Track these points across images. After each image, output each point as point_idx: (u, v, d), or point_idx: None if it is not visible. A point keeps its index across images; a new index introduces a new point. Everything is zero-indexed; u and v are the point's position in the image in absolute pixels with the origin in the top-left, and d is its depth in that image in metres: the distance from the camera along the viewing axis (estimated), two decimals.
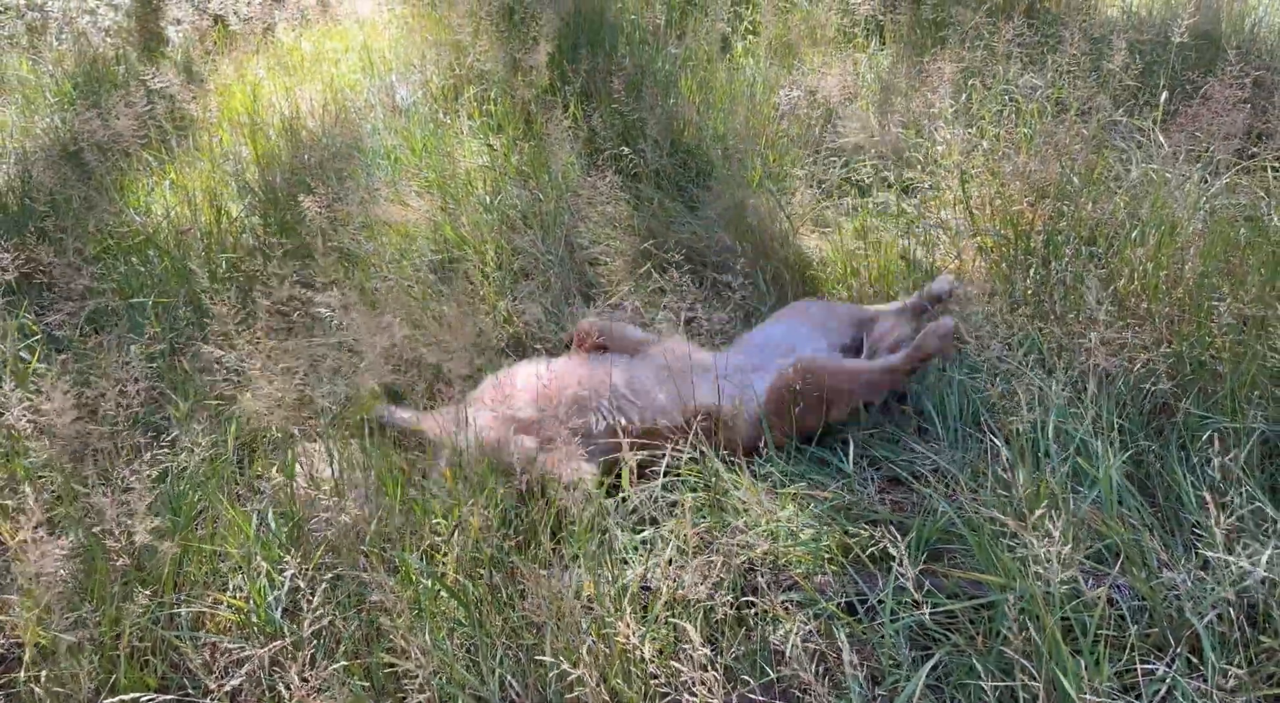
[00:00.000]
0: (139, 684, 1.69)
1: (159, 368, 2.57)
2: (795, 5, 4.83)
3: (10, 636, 1.82)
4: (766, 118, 3.84)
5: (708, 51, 4.65)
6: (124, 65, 5.52)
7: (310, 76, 4.87)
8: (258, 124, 4.22)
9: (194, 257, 3.26)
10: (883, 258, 2.87)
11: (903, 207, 3.09)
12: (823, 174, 3.43)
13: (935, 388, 2.33)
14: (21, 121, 4.97)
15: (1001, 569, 1.66)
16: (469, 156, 4.09)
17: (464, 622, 1.79)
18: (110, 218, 3.49)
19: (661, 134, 3.79)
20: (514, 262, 3.45)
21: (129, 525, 1.80)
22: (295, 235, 3.47)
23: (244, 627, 1.88)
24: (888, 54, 4.24)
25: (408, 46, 5.12)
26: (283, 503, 2.06)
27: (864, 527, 1.93)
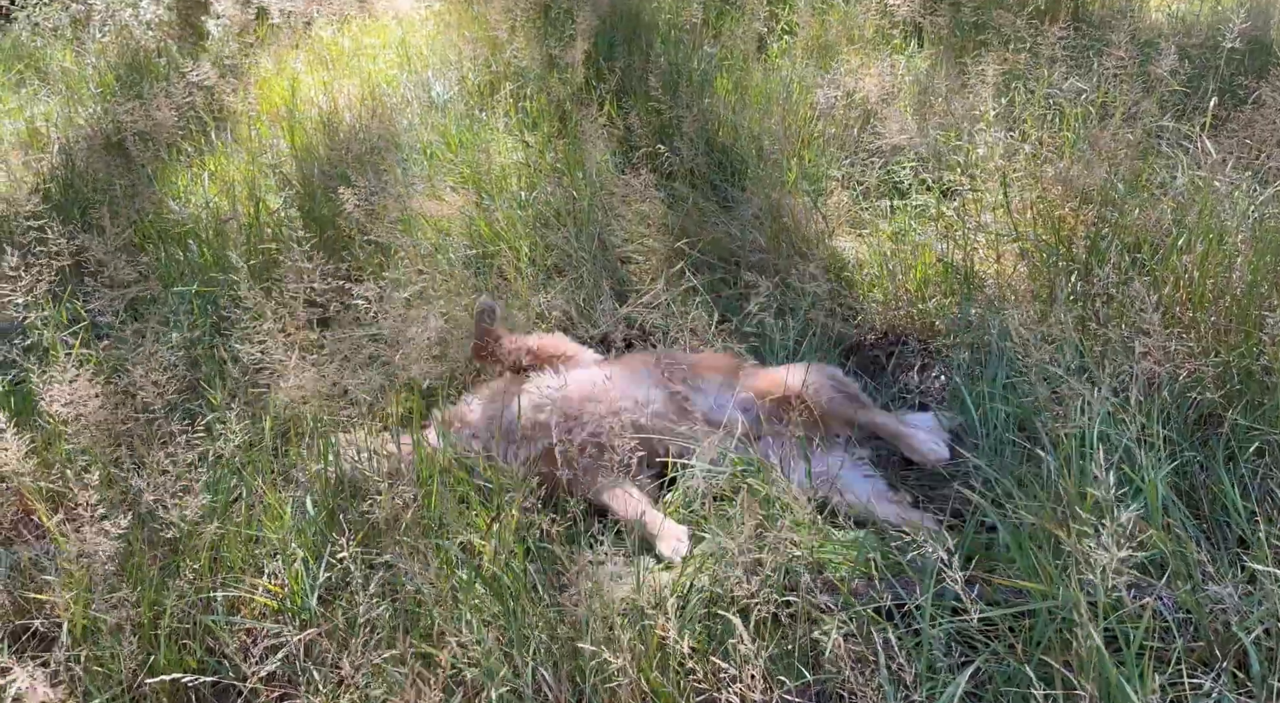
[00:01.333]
0: (177, 666, 1.70)
1: (197, 356, 2.59)
2: (833, 6, 4.80)
3: (50, 615, 1.84)
4: (802, 118, 3.82)
5: (743, 51, 4.63)
6: (165, 57, 5.59)
7: (348, 71, 4.91)
8: (296, 118, 4.25)
9: (233, 247, 3.30)
10: (920, 261, 2.84)
11: (942, 209, 3.06)
12: (860, 175, 3.41)
13: (976, 391, 2.30)
14: (65, 112, 5.04)
15: (1044, 577, 1.63)
16: (504, 153, 4.10)
17: (498, 614, 1.79)
18: (151, 207, 3.53)
19: (697, 133, 3.78)
20: (547, 258, 3.45)
21: (167, 508, 1.82)
22: (332, 228, 3.50)
23: (279, 612, 1.89)
24: (926, 56, 4.20)
25: (444, 43, 5.14)
26: (319, 491, 2.07)
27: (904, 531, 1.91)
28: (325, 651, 1.73)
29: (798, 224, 3.10)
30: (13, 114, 5.25)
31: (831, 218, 3.18)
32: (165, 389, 2.01)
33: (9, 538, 2.05)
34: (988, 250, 2.85)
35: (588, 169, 3.79)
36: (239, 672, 1.72)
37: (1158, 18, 4.46)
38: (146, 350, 2.12)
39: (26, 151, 4.53)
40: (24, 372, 2.41)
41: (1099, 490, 1.68)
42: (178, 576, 1.81)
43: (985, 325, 2.55)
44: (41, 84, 5.90)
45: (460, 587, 1.83)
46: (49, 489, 2.01)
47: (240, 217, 3.46)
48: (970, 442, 2.26)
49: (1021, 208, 2.82)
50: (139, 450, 2.04)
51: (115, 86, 5.30)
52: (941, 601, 1.72)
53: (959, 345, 2.53)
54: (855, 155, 3.50)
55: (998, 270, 2.80)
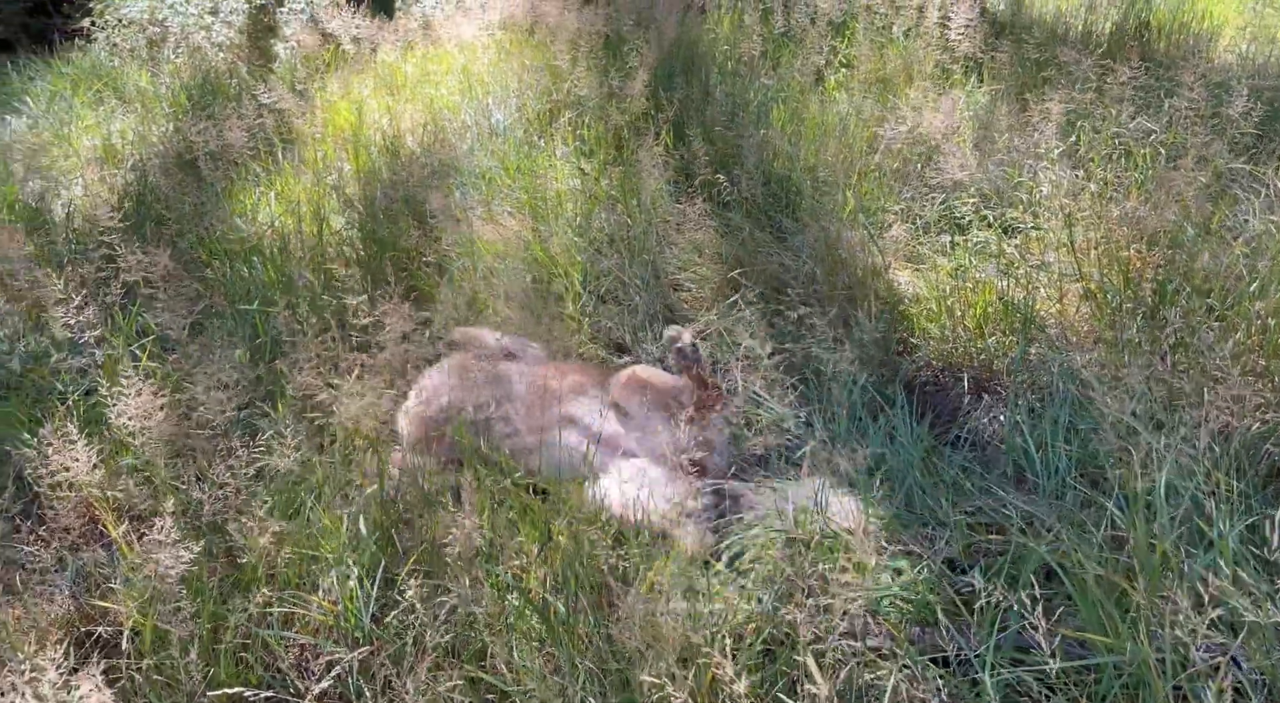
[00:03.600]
0: (237, 679, 1.73)
1: (259, 373, 2.65)
2: (892, 40, 4.80)
3: (114, 624, 1.88)
4: (859, 151, 3.82)
5: (801, 83, 4.65)
6: (235, 79, 5.78)
7: (412, 97, 5.02)
8: (360, 141, 4.35)
9: (296, 266, 3.37)
10: (980, 298, 2.81)
11: (1003, 247, 3.03)
12: (919, 210, 3.39)
13: (1037, 433, 2.26)
14: (140, 130, 5.22)
15: (1111, 630, 1.59)
16: (561, 179, 4.15)
17: (549, 641, 1.79)
18: (219, 224, 3.63)
19: (753, 163, 3.79)
20: (600, 284, 3.48)
21: (227, 523, 1.86)
22: (392, 249, 3.57)
23: (332, 629, 1.91)
24: (987, 92, 4.17)
25: (505, 71, 5.24)
26: (374, 510, 2.10)
27: (958, 575, 1.87)
28: (379, 669, 1.75)
29: (854, 256, 3.08)
30: (91, 131, 5.45)
31: (888, 251, 3.16)
32: (227, 405, 2.06)
33: (75, 545, 2.10)
34: (1050, 290, 2.81)
35: (643, 197, 3.82)
36: (295, 688, 1.74)
37: (1228, 58, 4.39)
38: (209, 366, 2.17)
39: (103, 167, 4.70)
40: (94, 383, 2.49)
41: (1169, 544, 1.64)
42: (238, 591, 1.84)
43: (1046, 366, 2.51)
44: (118, 102, 6.12)
45: (512, 612, 1.84)
46: (115, 499, 2.06)
47: (303, 237, 3.55)
48: (1030, 482, 2.21)
49: (1086, 247, 2.78)
50: (200, 464, 2.09)
51: (187, 106, 5.48)
52: (1001, 650, 1.68)
53: (1019, 385, 2.49)
54: (914, 190, 3.48)
55: (1060, 310, 2.75)
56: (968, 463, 2.32)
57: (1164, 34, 4.62)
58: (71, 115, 5.91)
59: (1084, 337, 2.63)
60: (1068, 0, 5.36)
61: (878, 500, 2.07)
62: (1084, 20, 4.91)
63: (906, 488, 2.21)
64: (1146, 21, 4.67)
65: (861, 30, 4.96)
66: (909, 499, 2.20)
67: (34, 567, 1.89)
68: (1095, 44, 4.34)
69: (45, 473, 1.87)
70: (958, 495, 2.20)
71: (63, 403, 2.39)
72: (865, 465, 2.21)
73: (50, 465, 1.85)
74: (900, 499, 2.18)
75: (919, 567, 1.93)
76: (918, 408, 2.59)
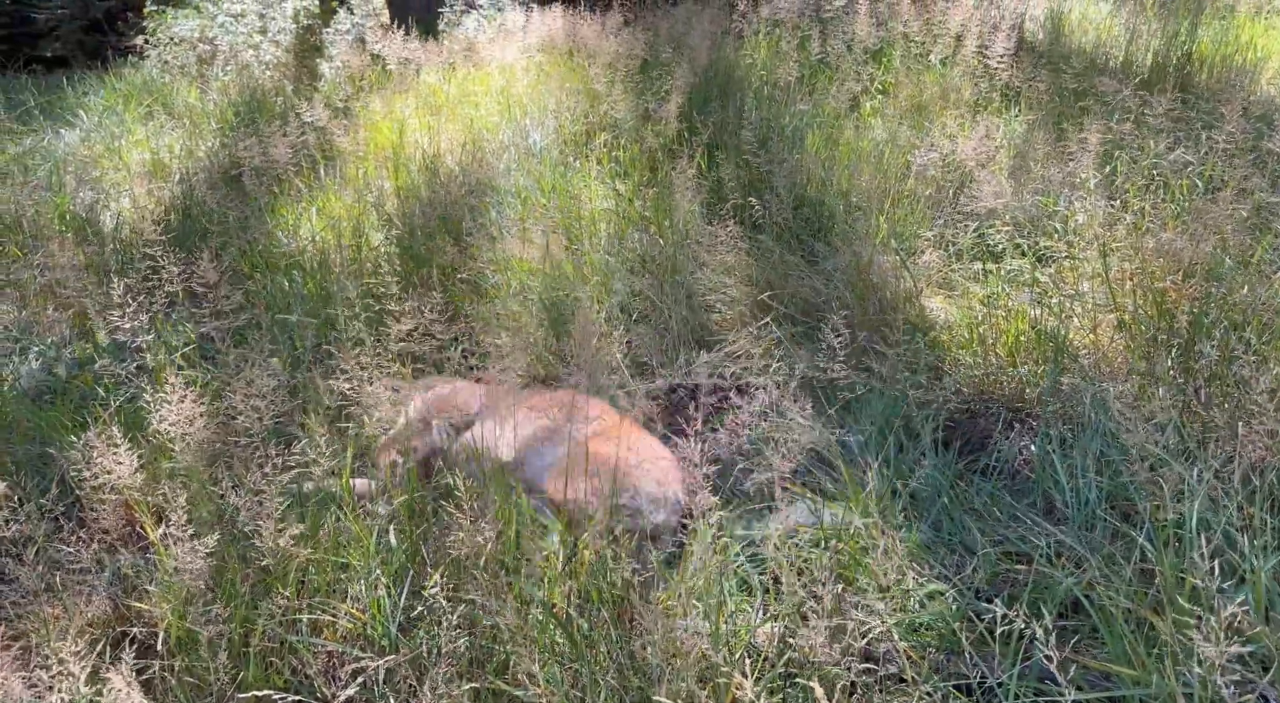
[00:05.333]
0: (265, 683, 1.76)
1: (296, 384, 2.70)
2: (929, 67, 4.82)
3: (149, 624, 1.92)
4: (893, 177, 3.83)
5: (835, 109, 4.68)
6: (281, 97, 5.92)
7: (452, 117, 5.11)
8: (401, 159, 4.44)
9: (334, 280, 3.45)
10: (1013, 326, 2.80)
11: (1036, 275, 3.01)
12: (952, 237, 3.38)
13: (1067, 463, 2.24)
14: (187, 145, 5.37)
15: (1138, 664, 1.57)
16: (595, 200, 4.20)
17: (570, 655, 1.80)
18: (261, 238, 3.72)
19: (786, 187, 3.82)
20: (632, 303, 3.51)
21: (260, 530, 1.89)
22: (428, 265, 3.63)
23: (359, 637, 1.93)
24: (1024, 120, 4.17)
25: (543, 93, 5.32)
26: (402, 520, 2.13)
27: (982, 603, 1.86)
28: (404, 678, 1.77)
29: (885, 282, 3.09)
30: (140, 145, 5.61)
31: (920, 277, 3.16)
32: (264, 414, 2.11)
33: (113, 546, 2.15)
34: (1083, 320, 2.79)
35: (676, 218, 3.85)
36: (321, 694, 1.77)
37: (1269, 91, 4.35)
38: (248, 376, 2.22)
39: (151, 181, 4.83)
40: (136, 390, 2.55)
41: (1200, 578, 1.62)
42: (277, 594, 1.87)
43: (1078, 396, 2.49)
44: (167, 118, 6.30)
45: (535, 626, 1.85)
46: (154, 504, 2.11)
47: (343, 252, 3.62)
48: (1059, 513, 2.19)
49: (1121, 278, 2.76)
50: (237, 471, 2.13)
51: (234, 122, 5.63)
52: (1025, 679, 1.66)
53: (1051, 415, 2.47)
54: (948, 217, 3.48)
55: (1093, 341, 2.73)
56: (996, 491, 2.30)
57: (1206, 66, 4.59)
58: (122, 129, 6.09)
59: (1117, 367, 2.61)
60: (1108, 30, 5.34)
61: (904, 525, 2.06)
62: (1124, 50, 4.89)
63: (934, 514, 2.21)
64: (1189, 53, 4.64)
65: (898, 58, 4.99)
66: (936, 525, 2.19)
67: (74, 567, 1.94)
68: (1135, 74, 4.32)
69: (89, 476, 1.92)
70: (985, 523, 2.19)
71: (106, 409, 2.46)
72: (892, 489, 2.21)
73: (94, 468, 1.91)
74: (927, 525, 2.17)
75: (944, 593, 1.92)
76: (946, 434, 2.58)
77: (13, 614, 2.00)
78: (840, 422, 2.60)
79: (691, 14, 6.40)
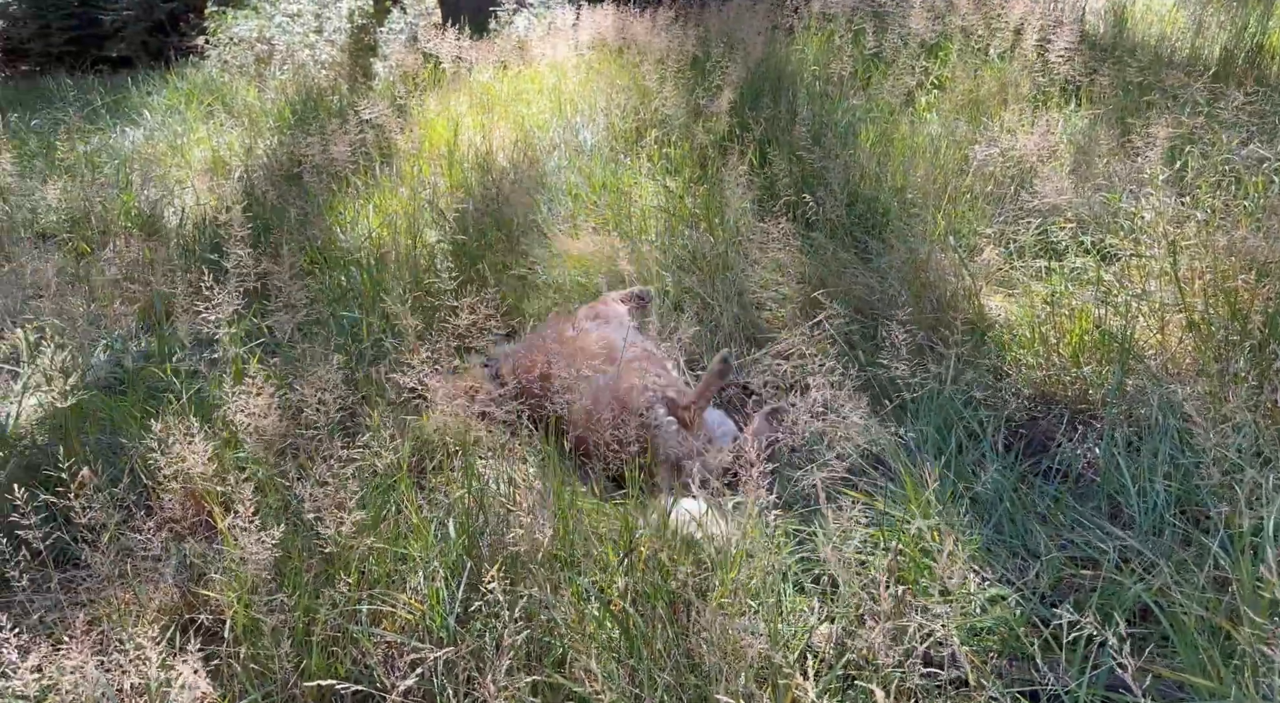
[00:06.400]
0: (327, 672, 1.79)
1: (357, 379, 2.75)
2: (987, 62, 4.73)
3: (215, 612, 1.97)
4: (950, 173, 3.76)
5: (890, 104, 4.62)
6: (337, 95, 6.02)
7: (504, 115, 5.15)
8: (454, 157, 4.49)
9: (390, 277, 3.49)
10: (1076, 326, 2.73)
11: (1101, 274, 2.94)
12: (1013, 234, 3.32)
13: (1134, 466, 2.19)
14: (246, 142, 5.48)
15: (1213, 674, 1.53)
16: (645, 197, 4.20)
17: (626, 651, 1.80)
18: (320, 234, 3.78)
19: (839, 183, 3.78)
20: (682, 300, 3.50)
21: (324, 521, 1.93)
22: (481, 262, 3.66)
23: (417, 628, 1.96)
24: (1086, 115, 4.07)
25: (594, 90, 5.33)
26: (460, 514, 2.15)
27: (1047, 608, 1.82)
28: (463, 670, 1.79)
29: (943, 279, 3.03)
30: (201, 143, 5.75)
31: (979, 275, 3.10)
32: (329, 408, 2.14)
33: (181, 535, 2.21)
34: (1150, 319, 2.72)
35: (726, 215, 3.83)
36: (381, 683, 1.79)
37: None
38: (313, 370, 2.26)
39: (212, 178, 4.95)
40: (208, 382, 2.61)
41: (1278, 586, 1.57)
42: (339, 583, 1.90)
43: (1145, 398, 2.43)
44: (227, 116, 6.44)
45: (591, 621, 1.86)
46: (222, 493, 2.16)
47: (398, 248, 3.67)
48: (1126, 517, 2.14)
49: (1190, 277, 2.68)
50: (303, 463, 2.17)
51: (291, 121, 5.73)
52: (1094, 687, 1.63)
53: (1116, 417, 2.41)
54: (1008, 214, 3.41)
55: (1160, 341, 2.66)
56: (1060, 494, 2.25)
57: (1278, 59, 4.44)
58: (185, 128, 6.24)
59: (1186, 369, 2.53)
60: (1173, 23, 5.19)
61: (966, 527, 2.03)
62: (1191, 43, 4.75)
63: (996, 517, 2.17)
64: (1259, 45, 4.49)
65: (955, 52, 4.91)
66: (997, 528, 2.15)
67: (145, 554, 1.99)
68: (1203, 68, 4.19)
69: (163, 464, 1.97)
70: (1049, 527, 2.14)
71: (176, 400, 2.52)
72: (952, 491, 2.18)
73: (170, 456, 1.96)
74: (989, 527, 2.13)
75: (1007, 597, 1.88)
76: (1007, 436, 2.54)
77: (86, 600, 2.06)
78: (898, 422, 2.57)
79: (742, 9, 6.36)
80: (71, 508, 1.85)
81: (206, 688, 1.69)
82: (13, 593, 2.00)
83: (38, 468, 2.54)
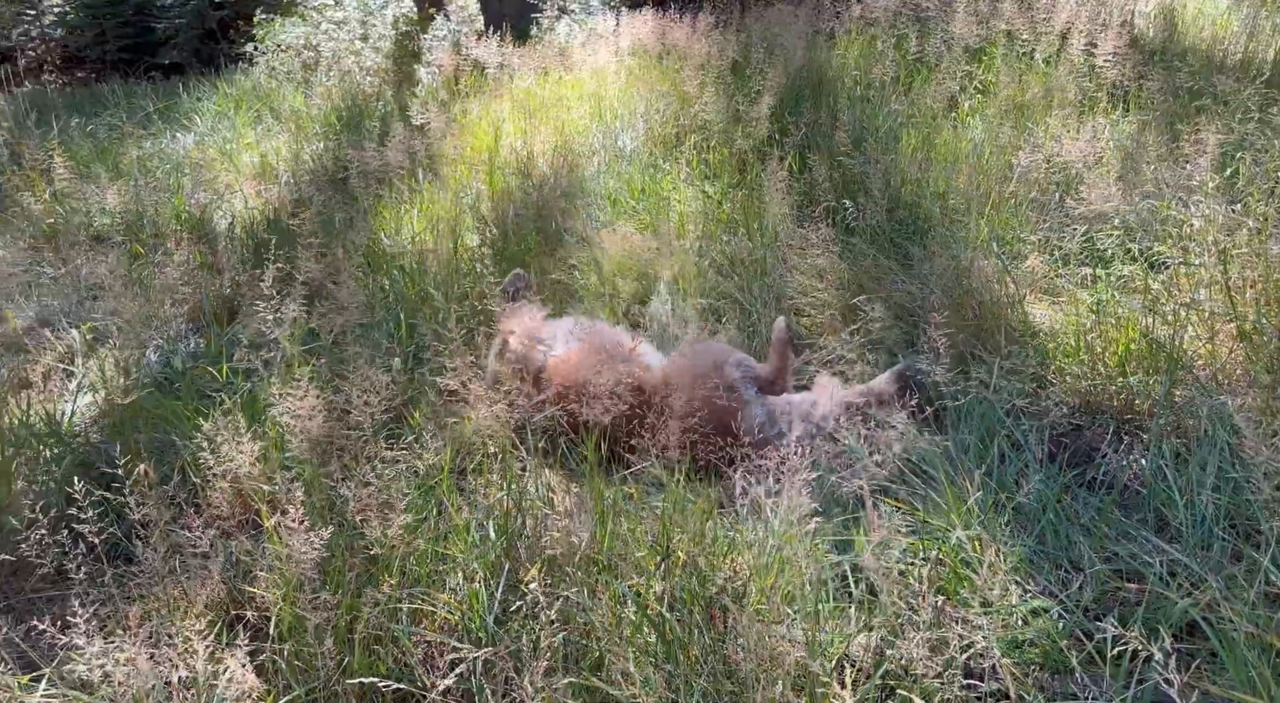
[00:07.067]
0: (368, 670, 1.82)
1: (401, 382, 2.79)
2: (1031, 66, 4.67)
3: (260, 609, 2.01)
4: (994, 179, 3.72)
5: (933, 109, 4.58)
6: (381, 102, 6.11)
7: (545, 120, 5.19)
8: (495, 162, 4.54)
9: (431, 280, 3.54)
10: (1123, 335, 2.69)
11: (1149, 282, 2.89)
12: (1058, 241, 3.27)
13: (1182, 479, 2.15)
14: (293, 147, 5.59)
15: (1264, 694, 1.49)
16: (683, 201, 4.21)
17: (663, 656, 1.81)
18: (365, 238, 3.85)
19: (880, 189, 3.75)
20: (719, 305, 3.51)
21: (369, 521, 1.96)
22: (520, 266, 3.70)
23: (457, 628, 1.98)
24: (1134, 121, 4.00)
25: (633, 96, 5.36)
26: (499, 516, 2.17)
27: (1091, 622, 1.80)
28: (501, 670, 1.80)
29: (986, 286, 3.00)
30: (250, 148, 5.87)
31: (1023, 282, 3.06)
32: (375, 409, 2.18)
33: (228, 532, 2.26)
34: (1199, 328, 2.66)
35: (765, 220, 3.83)
36: (421, 682, 1.82)
37: None
38: (360, 372, 2.30)
39: (260, 182, 5.05)
40: (259, 383, 2.67)
41: None
42: (372, 584, 1.94)
43: (1194, 409, 2.38)
44: (274, 122, 6.57)
45: (628, 624, 1.87)
46: (268, 492, 2.21)
47: (440, 253, 3.72)
48: (1173, 531, 2.10)
49: (1241, 286, 2.62)
50: (348, 464, 2.21)
51: (337, 126, 5.83)
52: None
53: (1163, 428, 2.36)
54: (1053, 220, 3.37)
55: (1210, 351, 2.61)
56: (1104, 506, 2.22)
57: None
58: (233, 133, 6.38)
59: (1237, 380, 2.48)
60: (1225, 27, 5.09)
61: (1008, 538, 2.01)
62: (1244, 48, 4.65)
63: (1039, 528, 2.14)
64: None
65: (1000, 56, 4.85)
66: (1040, 539, 2.12)
67: (194, 551, 2.04)
68: (1256, 73, 4.10)
69: (214, 463, 2.02)
70: (1093, 539, 2.11)
71: (228, 399, 2.58)
72: (994, 501, 2.15)
73: (219, 455, 2.00)
74: (1031, 538, 2.11)
75: (1049, 610, 1.86)
76: (1051, 446, 2.50)
77: (137, 594, 2.12)
78: (938, 429, 2.55)
79: (783, 14, 6.35)
80: (126, 504, 1.91)
81: (254, 683, 1.73)
82: (70, 585, 2.07)
83: (92, 464, 2.62)
